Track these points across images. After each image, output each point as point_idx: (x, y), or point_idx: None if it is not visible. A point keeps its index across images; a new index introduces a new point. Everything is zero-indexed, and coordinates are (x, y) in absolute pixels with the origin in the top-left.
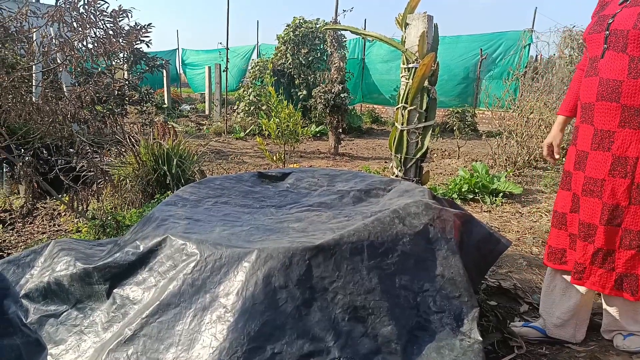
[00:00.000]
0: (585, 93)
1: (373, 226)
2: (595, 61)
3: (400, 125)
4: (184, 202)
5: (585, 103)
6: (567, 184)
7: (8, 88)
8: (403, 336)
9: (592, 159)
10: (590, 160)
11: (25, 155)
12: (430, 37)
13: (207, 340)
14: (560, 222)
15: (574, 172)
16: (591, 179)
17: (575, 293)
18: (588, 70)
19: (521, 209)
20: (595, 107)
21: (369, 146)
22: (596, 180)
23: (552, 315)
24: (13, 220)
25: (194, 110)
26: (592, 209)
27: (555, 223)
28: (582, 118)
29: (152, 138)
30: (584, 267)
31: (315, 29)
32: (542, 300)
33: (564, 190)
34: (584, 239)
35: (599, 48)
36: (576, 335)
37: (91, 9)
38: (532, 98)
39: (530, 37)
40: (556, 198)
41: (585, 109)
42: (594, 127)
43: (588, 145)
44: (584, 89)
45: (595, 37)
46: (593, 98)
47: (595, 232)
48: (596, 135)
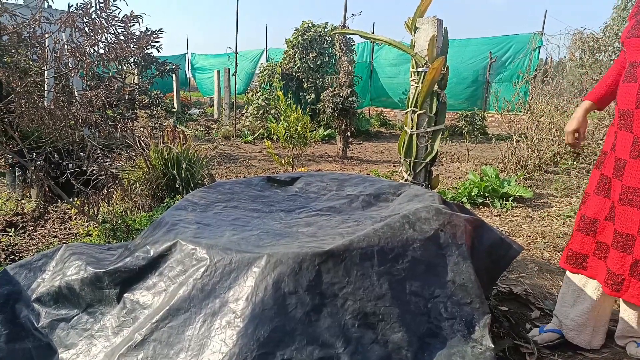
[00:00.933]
0: (624, 99)
1: (383, 231)
2: (635, 67)
3: (410, 129)
4: (194, 206)
5: (623, 109)
6: (605, 190)
7: (21, 93)
8: (414, 343)
9: (631, 168)
10: (628, 169)
11: (37, 159)
12: (439, 41)
13: (216, 345)
14: (590, 228)
15: (613, 179)
16: (630, 188)
17: (588, 297)
18: (627, 76)
19: (532, 213)
20: (635, 115)
21: (377, 150)
22: (636, 190)
23: (566, 317)
24: (25, 224)
25: (203, 114)
26: (631, 219)
27: (583, 227)
28: (620, 124)
29: (162, 142)
30: (623, 278)
31: (324, 32)
32: (558, 301)
33: (599, 196)
34: (621, 250)
35: (639, 53)
36: (592, 341)
37: (103, 15)
38: (542, 101)
39: (540, 40)
40: (587, 202)
41: (623, 116)
42: (634, 135)
43: (627, 153)
44: (621, 95)
45: (634, 42)
46: (632, 105)
47: (634, 242)
48: (636, 143)
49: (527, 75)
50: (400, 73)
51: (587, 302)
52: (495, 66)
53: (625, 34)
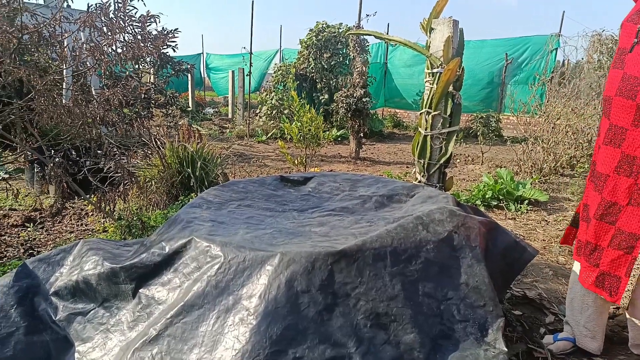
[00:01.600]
0: (608, 85)
1: (396, 232)
2: (624, 54)
3: (424, 130)
4: (209, 204)
5: (606, 95)
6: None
7: (41, 91)
8: (426, 344)
9: (602, 153)
10: (600, 154)
11: (56, 156)
12: (455, 42)
13: (229, 342)
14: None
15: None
16: (598, 173)
17: (592, 302)
18: (615, 62)
19: (547, 217)
20: (613, 101)
21: (390, 151)
22: (601, 175)
23: (578, 324)
24: (43, 219)
25: (217, 114)
26: (594, 203)
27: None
28: (603, 111)
29: (177, 141)
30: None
31: (338, 33)
32: (567, 309)
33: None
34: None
35: (629, 40)
36: (601, 346)
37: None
38: (559, 104)
39: (558, 42)
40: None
41: (605, 101)
42: (610, 121)
43: (601, 139)
44: (608, 81)
45: (629, 27)
46: (613, 92)
47: (589, 225)
48: (610, 129)
49: (543, 77)
50: (414, 74)
51: (591, 307)
52: (511, 68)
53: (627, 17)
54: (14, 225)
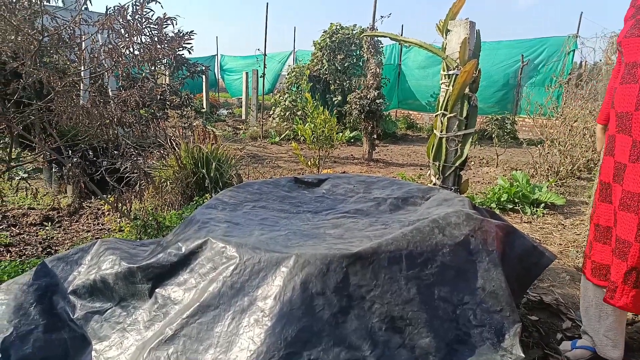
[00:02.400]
0: (622, 101)
1: (412, 235)
2: (635, 67)
3: (439, 132)
4: (224, 205)
5: (621, 112)
6: (608, 196)
7: (61, 92)
8: (442, 349)
9: (631, 172)
10: (628, 173)
11: (74, 156)
12: (472, 44)
13: (244, 343)
14: (605, 237)
15: (612, 185)
16: (629, 193)
17: (612, 311)
18: (625, 77)
19: (564, 220)
20: (634, 117)
21: (403, 152)
22: (634, 195)
23: (598, 333)
24: (60, 218)
25: (230, 115)
26: (629, 225)
27: (599, 237)
28: (617, 128)
29: (192, 142)
30: (616, 285)
31: (352, 35)
32: (583, 319)
33: (606, 203)
34: (619, 257)
35: (638, 53)
36: (622, 354)
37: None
38: (576, 106)
39: (575, 43)
40: (597, 210)
41: (621, 118)
42: (633, 138)
43: (626, 157)
44: (619, 97)
45: (633, 41)
46: (632, 107)
47: (629, 249)
48: (635, 146)
49: (560, 79)
50: (428, 75)
51: (611, 317)
52: (527, 69)
53: (622, 34)
54: (32, 224)
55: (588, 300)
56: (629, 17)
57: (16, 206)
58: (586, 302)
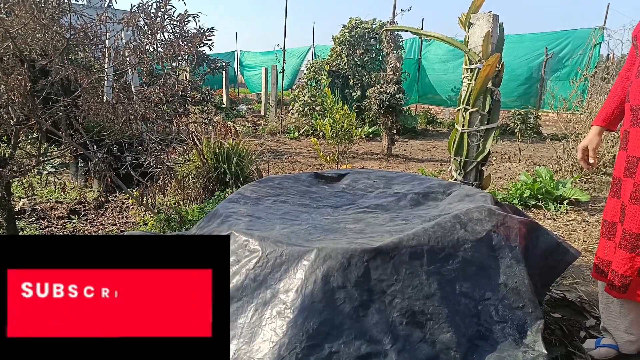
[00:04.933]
0: (637, 94)
1: (433, 231)
2: None
3: (461, 127)
4: (246, 199)
5: (636, 105)
6: (617, 191)
7: (87, 89)
8: (462, 344)
9: None
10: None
11: (99, 151)
12: (495, 37)
13: (267, 334)
14: (610, 232)
15: (623, 179)
16: None
17: (634, 305)
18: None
19: (588, 217)
20: None
21: (423, 148)
22: None
23: (618, 330)
24: (87, 212)
25: (250, 111)
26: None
27: (605, 233)
28: (632, 121)
29: (214, 137)
30: (631, 279)
31: (372, 29)
32: (603, 315)
33: (614, 198)
34: (630, 250)
35: None
36: None
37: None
38: (602, 100)
39: (602, 35)
40: (606, 206)
41: (636, 112)
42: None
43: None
44: (635, 90)
45: None
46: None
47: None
48: None
49: (586, 73)
50: (449, 69)
51: (633, 312)
52: (551, 63)
53: (637, 28)
54: (59, 217)
55: (608, 297)
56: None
57: (44, 200)
58: (605, 299)
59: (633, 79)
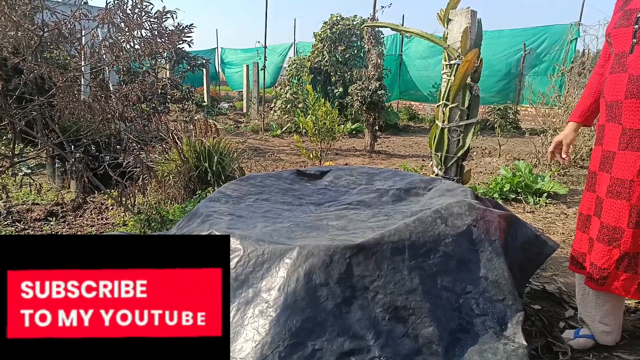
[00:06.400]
0: (611, 90)
1: (414, 226)
2: (623, 57)
3: (441, 123)
4: (227, 198)
5: (611, 101)
6: (593, 185)
7: (62, 88)
8: (444, 338)
9: (620, 159)
10: (617, 161)
11: (77, 151)
12: (473, 33)
13: (249, 333)
14: (585, 225)
15: (598, 173)
16: (618, 180)
17: (610, 296)
18: (614, 67)
19: (567, 210)
20: (623, 105)
21: (405, 144)
22: (624, 181)
23: (594, 320)
24: (65, 214)
25: (232, 108)
26: (619, 212)
27: (580, 226)
28: (607, 117)
29: (194, 135)
30: (609, 272)
31: (353, 25)
32: (579, 306)
33: (589, 192)
34: (608, 243)
35: (626, 43)
36: (617, 338)
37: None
38: (579, 94)
39: (578, 31)
40: (582, 200)
41: (611, 107)
42: (622, 126)
43: (615, 145)
44: (609, 87)
45: (622, 32)
46: (621, 96)
47: (621, 235)
48: (624, 134)
49: (563, 68)
50: (429, 66)
51: (608, 303)
52: (529, 58)
53: (611, 25)
54: (36, 219)
55: (584, 288)
56: (617, 9)
57: (20, 202)
58: (582, 290)
59: (607, 75)
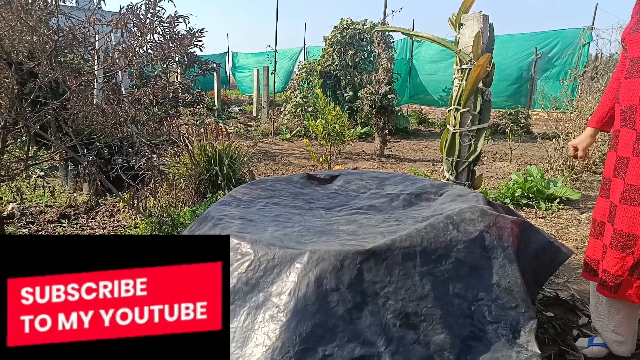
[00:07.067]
0: (627, 95)
1: (426, 232)
2: (638, 62)
3: (453, 127)
4: (238, 202)
5: (626, 106)
6: (607, 191)
7: (76, 91)
8: (456, 345)
9: (634, 165)
10: (631, 167)
11: (89, 154)
12: (485, 37)
13: (260, 338)
14: (598, 232)
15: (612, 179)
16: (632, 186)
17: (623, 305)
18: (629, 72)
19: (579, 215)
20: (637, 111)
21: (415, 148)
22: (638, 188)
23: (607, 329)
24: (77, 216)
25: (242, 112)
26: (633, 219)
27: (594, 232)
28: (622, 122)
29: (205, 139)
30: (622, 279)
31: (363, 30)
32: (593, 314)
33: (603, 198)
34: (621, 250)
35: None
36: (632, 348)
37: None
38: (592, 99)
39: (590, 35)
40: (595, 206)
41: (625, 113)
42: (636, 132)
43: (630, 151)
44: (624, 91)
45: (636, 37)
46: (636, 101)
47: (635, 242)
48: (639, 139)
49: (575, 72)
50: (440, 70)
51: (621, 312)
52: (541, 62)
53: (627, 30)
54: (49, 221)
55: (598, 296)
56: (634, 14)
57: (34, 204)
58: (595, 299)
59: (622, 80)
